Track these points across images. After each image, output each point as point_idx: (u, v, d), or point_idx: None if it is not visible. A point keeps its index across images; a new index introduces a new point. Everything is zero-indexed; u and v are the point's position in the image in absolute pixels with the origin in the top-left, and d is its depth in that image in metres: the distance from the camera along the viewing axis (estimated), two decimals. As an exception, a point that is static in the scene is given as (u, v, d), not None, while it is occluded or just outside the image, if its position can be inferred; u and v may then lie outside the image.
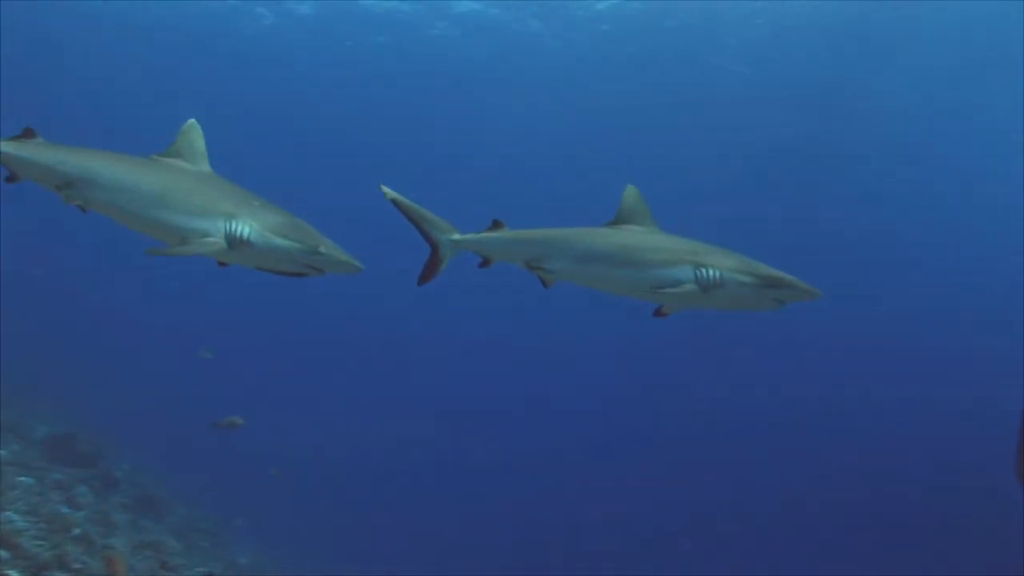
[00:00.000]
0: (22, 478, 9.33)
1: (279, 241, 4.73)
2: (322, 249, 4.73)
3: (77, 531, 7.93)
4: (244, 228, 4.72)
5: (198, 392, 19.94)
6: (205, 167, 5.20)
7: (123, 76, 27.35)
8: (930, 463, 20.65)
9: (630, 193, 5.60)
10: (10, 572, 6.15)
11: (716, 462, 22.61)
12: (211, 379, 21.50)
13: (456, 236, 5.71)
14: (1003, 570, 13.50)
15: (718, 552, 17.90)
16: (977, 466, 14.92)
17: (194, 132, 5.21)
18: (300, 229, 4.81)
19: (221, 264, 5.09)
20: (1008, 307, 24.98)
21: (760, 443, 22.71)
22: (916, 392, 23.50)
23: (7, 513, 7.56)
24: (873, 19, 19.52)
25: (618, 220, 5.57)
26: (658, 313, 5.48)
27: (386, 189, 5.74)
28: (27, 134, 5.18)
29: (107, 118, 24.02)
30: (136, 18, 24.03)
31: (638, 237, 5.41)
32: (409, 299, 21.42)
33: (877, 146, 25.00)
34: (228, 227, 4.74)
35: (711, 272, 4.96)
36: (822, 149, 25.13)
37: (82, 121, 18.11)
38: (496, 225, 5.77)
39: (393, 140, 28.62)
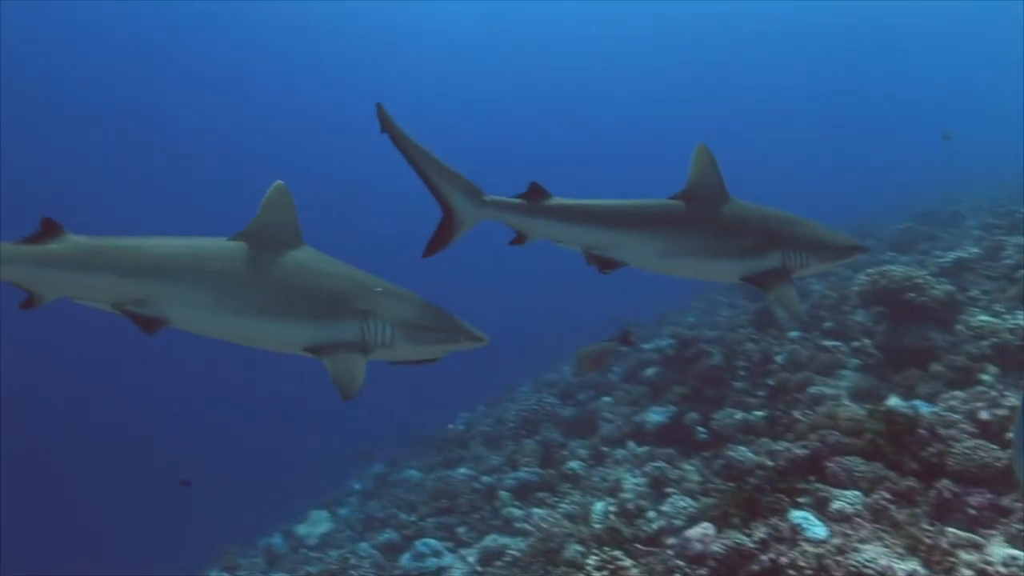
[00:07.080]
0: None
1: (427, 337, 3.74)
2: (469, 331, 3.83)
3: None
4: (384, 329, 3.62)
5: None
6: (302, 246, 3.91)
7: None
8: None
9: (701, 155, 4.53)
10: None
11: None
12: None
13: (484, 199, 4.24)
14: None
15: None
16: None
17: (283, 199, 3.88)
18: (438, 316, 3.83)
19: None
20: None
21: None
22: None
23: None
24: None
25: (690, 189, 4.56)
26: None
27: (383, 111, 4.11)
28: (49, 230, 3.55)
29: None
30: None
31: (719, 219, 4.52)
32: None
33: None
34: (364, 331, 3.61)
35: (798, 256, 4.59)
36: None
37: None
38: (535, 192, 4.29)
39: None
